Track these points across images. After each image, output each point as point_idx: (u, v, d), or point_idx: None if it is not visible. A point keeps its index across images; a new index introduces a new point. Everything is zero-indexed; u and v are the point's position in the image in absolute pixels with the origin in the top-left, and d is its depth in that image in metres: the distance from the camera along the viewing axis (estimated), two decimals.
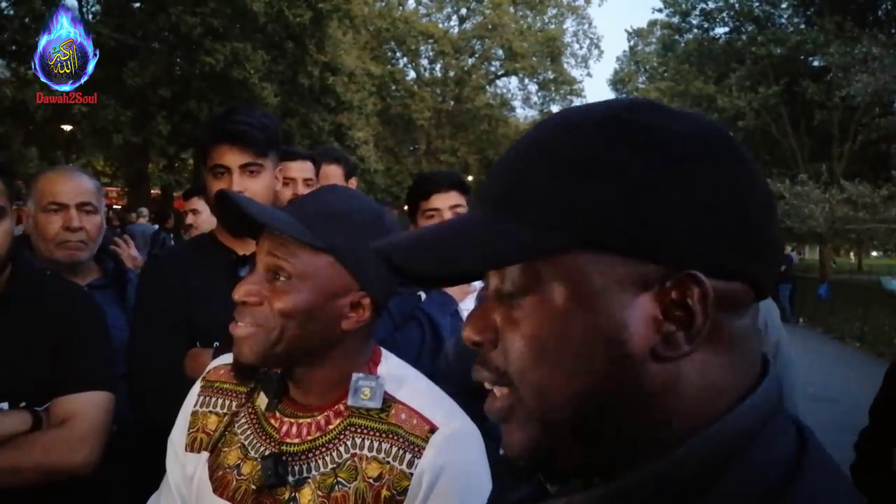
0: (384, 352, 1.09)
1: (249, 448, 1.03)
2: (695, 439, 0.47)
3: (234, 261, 1.78)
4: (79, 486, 1.41)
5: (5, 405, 1.41)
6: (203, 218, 3.63)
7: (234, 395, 1.10)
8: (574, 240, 0.47)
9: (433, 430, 0.97)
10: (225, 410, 1.10)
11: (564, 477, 0.54)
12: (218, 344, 1.67)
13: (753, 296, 0.50)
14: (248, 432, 1.05)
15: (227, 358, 1.12)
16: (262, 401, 1.06)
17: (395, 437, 0.97)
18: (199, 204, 3.63)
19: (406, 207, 2.28)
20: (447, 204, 2.01)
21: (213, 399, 1.11)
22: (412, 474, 0.95)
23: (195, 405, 1.13)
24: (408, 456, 0.96)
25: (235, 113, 1.77)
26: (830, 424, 1.22)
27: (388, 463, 0.96)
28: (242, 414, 1.07)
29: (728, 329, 0.48)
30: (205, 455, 1.07)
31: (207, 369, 1.17)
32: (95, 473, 1.43)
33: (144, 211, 11.11)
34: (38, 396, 1.44)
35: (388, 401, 1.00)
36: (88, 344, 1.52)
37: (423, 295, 2.06)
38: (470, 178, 31.79)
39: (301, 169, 2.73)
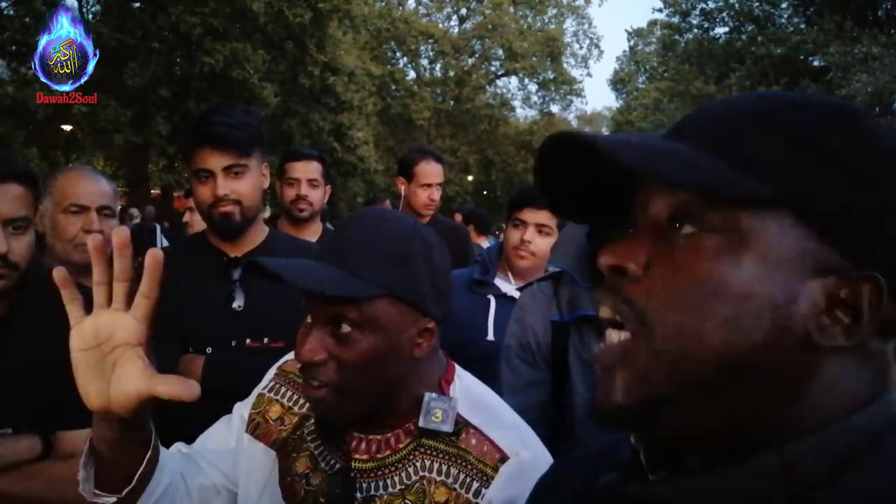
0: (457, 368, 1.06)
1: (319, 459, 1.01)
2: (834, 427, 0.46)
3: (226, 263, 1.76)
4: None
5: (9, 431, 1.37)
6: (198, 217, 3.65)
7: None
8: (783, 201, 0.46)
9: (503, 459, 0.94)
10: (290, 404, 1.08)
11: (661, 441, 0.52)
12: (210, 350, 1.67)
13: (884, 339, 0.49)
14: (319, 442, 1.03)
15: None
16: None
17: (464, 464, 0.94)
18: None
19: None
20: (535, 220, 2.09)
21: (283, 389, 1.10)
22: None
23: (264, 388, 1.11)
24: (475, 485, 0.92)
25: (215, 114, 1.75)
26: None
27: (455, 490, 0.93)
28: (313, 420, 1.04)
29: (878, 349, 0.48)
30: (272, 455, 1.05)
31: (284, 360, 1.14)
32: None
33: (135, 212, 11.00)
34: (45, 420, 1.40)
35: (460, 424, 0.96)
36: None
37: None
38: (470, 177, 31.80)
39: (305, 169, 2.72)
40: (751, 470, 0.47)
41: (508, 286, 2.22)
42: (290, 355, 1.11)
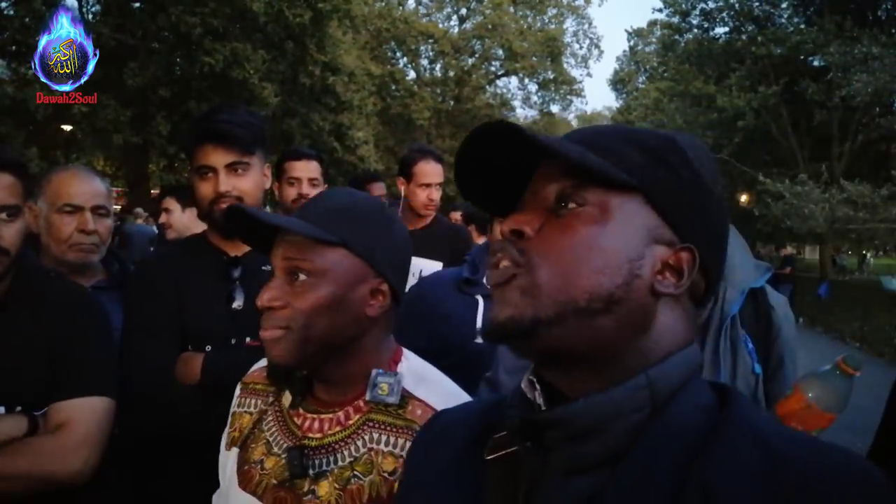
0: (405, 351, 1.12)
1: (273, 444, 1.07)
2: (674, 358, 0.66)
3: (226, 262, 1.76)
4: (76, 489, 1.38)
5: (1, 409, 1.38)
6: (175, 217, 3.66)
7: (265, 394, 1.14)
8: (638, 188, 0.66)
9: None
10: (255, 409, 1.14)
11: (532, 353, 0.67)
12: (210, 348, 1.67)
13: (694, 304, 0.70)
14: (273, 429, 1.09)
15: (265, 361, 1.16)
16: (287, 399, 1.10)
17: (411, 433, 0.99)
18: (171, 203, 3.66)
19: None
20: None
21: (249, 399, 1.16)
22: None
23: (235, 406, 1.18)
24: None
25: (219, 112, 1.75)
26: (830, 424, 1.21)
27: (403, 457, 0.98)
28: (270, 412, 1.11)
29: (689, 307, 0.69)
30: (235, 451, 1.11)
31: (249, 372, 1.21)
32: (95, 475, 1.41)
33: (141, 211, 10.97)
34: (36, 400, 1.42)
35: (406, 397, 1.03)
36: (89, 348, 1.49)
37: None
38: None
39: (306, 169, 2.73)
40: (628, 388, 0.64)
41: None
42: (253, 368, 1.21)
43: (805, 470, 0.58)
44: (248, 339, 1.70)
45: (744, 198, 22.54)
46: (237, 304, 1.71)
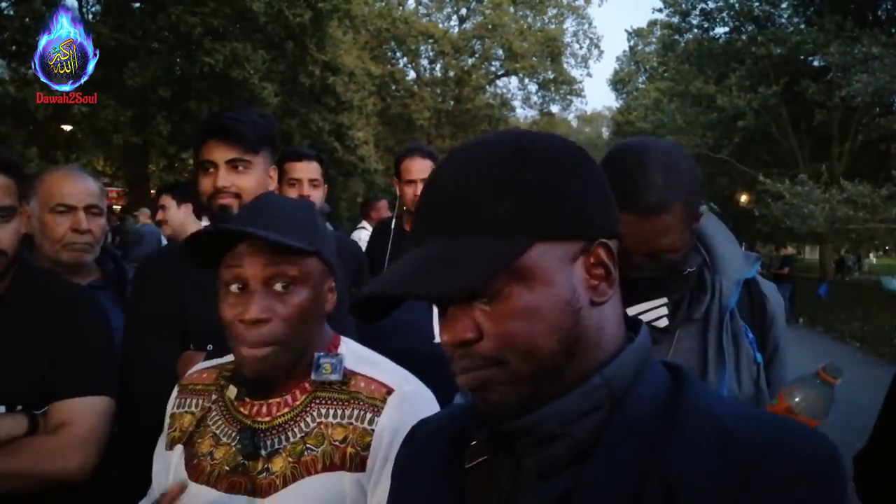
0: (343, 337, 1.19)
1: (221, 435, 1.10)
2: (624, 354, 0.68)
3: None
4: (76, 488, 1.38)
5: (2, 409, 1.39)
6: (171, 214, 3.67)
7: (206, 394, 1.18)
8: (531, 239, 0.64)
9: (390, 391, 1.08)
10: (197, 408, 1.16)
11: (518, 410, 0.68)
12: (212, 347, 1.66)
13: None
14: (220, 422, 1.12)
15: (202, 365, 1.23)
16: (232, 392, 1.13)
17: (356, 402, 1.08)
18: (167, 200, 3.68)
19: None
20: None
21: (188, 400, 1.18)
22: (373, 431, 1.05)
23: (173, 408, 1.20)
24: (368, 415, 1.06)
25: (228, 110, 1.77)
26: (831, 424, 1.21)
27: (352, 424, 1.06)
28: (214, 409, 1.14)
29: (615, 289, 0.71)
30: (179, 448, 1.13)
31: (186, 375, 1.24)
32: (94, 475, 1.41)
33: (146, 211, 10.93)
34: (36, 399, 1.42)
35: (348, 374, 1.10)
36: (89, 347, 1.50)
37: None
38: None
39: (307, 169, 2.72)
40: (585, 391, 0.67)
41: None
42: (189, 371, 1.25)
43: (757, 449, 0.60)
44: None
45: (744, 198, 22.55)
46: None
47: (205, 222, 3.05)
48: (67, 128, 15.72)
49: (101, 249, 2.01)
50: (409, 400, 1.08)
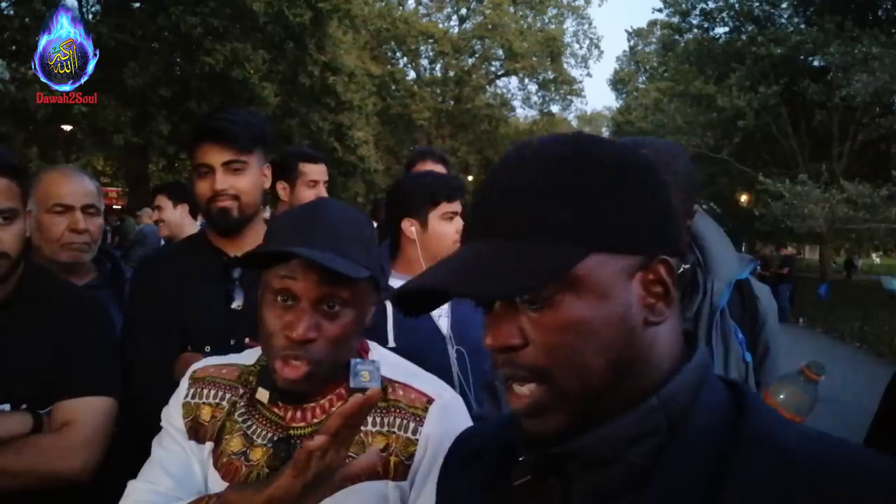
0: (370, 342, 1.18)
1: (254, 436, 1.08)
2: (682, 375, 0.64)
3: (225, 262, 1.76)
4: (77, 488, 1.39)
5: (7, 407, 1.40)
6: (167, 214, 3.68)
7: (227, 387, 1.13)
8: (588, 248, 0.61)
9: (430, 401, 1.08)
10: (218, 401, 1.12)
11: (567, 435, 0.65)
12: (209, 349, 1.66)
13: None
14: (250, 422, 1.09)
15: (212, 360, 1.20)
16: (261, 394, 1.10)
17: (397, 411, 1.07)
18: (162, 200, 3.68)
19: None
20: (455, 209, 2.00)
21: (204, 391, 1.14)
22: (417, 440, 1.05)
23: (186, 397, 1.15)
24: (412, 425, 1.06)
25: (219, 112, 1.77)
26: (831, 424, 1.23)
27: (394, 433, 1.05)
28: (241, 405, 1.12)
29: (675, 307, 0.67)
30: (209, 445, 1.10)
31: (193, 368, 1.20)
32: (96, 474, 1.42)
33: (149, 210, 10.89)
34: (41, 399, 1.43)
35: (385, 382, 1.09)
36: (93, 348, 1.51)
37: None
38: (470, 178, 31.78)
39: (322, 172, 2.80)
40: (640, 414, 0.63)
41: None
42: (198, 365, 1.19)
43: (822, 478, 0.57)
44: (247, 340, 1.70)
45: (744, 198, 22.56)
46: (236, 304, 1.71)
47: (201, 222, 3.06)
48: (67, 128, 15.72)
49: (99, 249, 2.01)
50: (449, 408, 1.09)
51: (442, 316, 1.95)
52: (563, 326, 0.61)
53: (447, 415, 1.07)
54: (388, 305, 2.00)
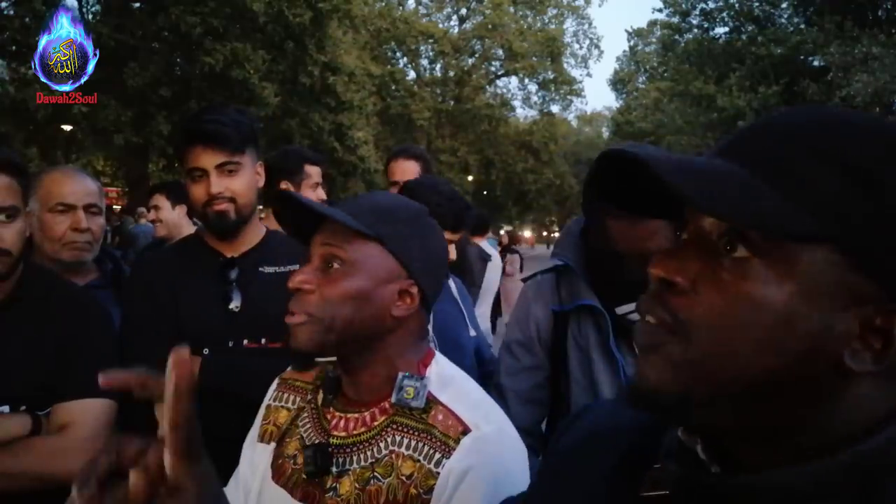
0: (438, 354, 1.11)
1: (306, 440, 1.09)
2: (890, 430, 0.50)
3: (222, 263, 1.76)
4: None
5: (6, 408, 1.40)
6: (165, 214, 3.68)
7: (303, 391, 1.16)
8: (831, 235, 0.48)
9: (465, 431, 0.98)
10: (294, 405, 1.15)
11: (687, 425, 0.56)
12: (207, 351, 1.66)
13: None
14: (308, 425, 1.10)
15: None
16: (319, 397, 1.12)
17: (430, 437, 0.99)
18: (160, 200, 3.69)
19: None
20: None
21: (286, 395, 1.17)
22: (439, 473, 0.96)
23: (270, 399, 1.19)
24: (437, 455, 0.97)
25: (206, 113, 1.76)
26: None
27: (419, 462, 0.98)
28: (306, 409, 1.13)
29: (887, 363, 0.50)
30: (272, 445, 1.12)
31: (289, 371, 1.22)
32: None
33: (145, 211, 10.92)
34: (40, 400, 1.43)
35: (431, 402, 1.02)
36: (93, 350, 1.51)
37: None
38: (470, 177, 31.80)
39: (320, 173, 2.80)
40: (829, 467, 0.50)
41: None
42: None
43: None
44: (245, 341, 1.70)
45: None
46: (234, 305, 1.71)
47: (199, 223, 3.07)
48: (67, 128, 15.72)
49: (100, 249, 2.01)
50: (485, 442, 0.98)
51: None
52: (738, 290, 0.50)
53: (480, 448, 0.97)
54: None
